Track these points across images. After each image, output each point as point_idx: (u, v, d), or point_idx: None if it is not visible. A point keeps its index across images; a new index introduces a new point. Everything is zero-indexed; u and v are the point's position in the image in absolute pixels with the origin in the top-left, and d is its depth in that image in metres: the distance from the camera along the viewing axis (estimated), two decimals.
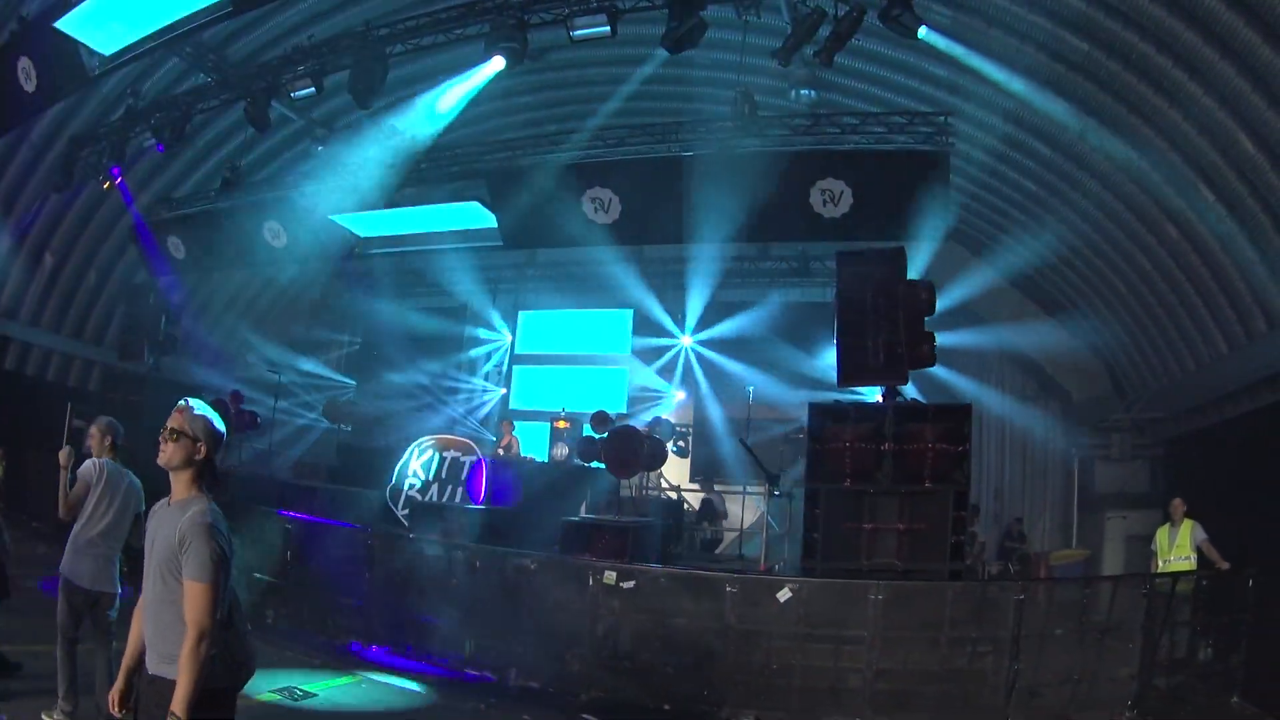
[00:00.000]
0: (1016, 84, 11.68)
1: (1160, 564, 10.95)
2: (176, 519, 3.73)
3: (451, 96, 13.19)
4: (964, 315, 17.21)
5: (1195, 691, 9.31)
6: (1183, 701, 9.14)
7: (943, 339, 11.07)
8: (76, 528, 6.54)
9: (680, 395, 20.66)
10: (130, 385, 15.91)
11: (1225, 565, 10.23)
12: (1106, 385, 17.65)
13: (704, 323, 20.41)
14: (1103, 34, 11.16)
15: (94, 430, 7.09)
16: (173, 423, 3.84)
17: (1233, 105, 10.48)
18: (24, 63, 12.25)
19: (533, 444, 17.63)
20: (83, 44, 11.77)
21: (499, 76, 12.27)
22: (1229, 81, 10.28)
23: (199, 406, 3.93)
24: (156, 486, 4.20)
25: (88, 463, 6.75)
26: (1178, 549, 10.89)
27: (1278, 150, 10.42)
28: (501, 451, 15.50)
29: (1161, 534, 11.17)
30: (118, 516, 6.66)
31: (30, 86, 12.35)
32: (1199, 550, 10.71)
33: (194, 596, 3.61)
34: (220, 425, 3.95)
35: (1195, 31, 10.20)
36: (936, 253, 15.20)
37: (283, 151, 17.51)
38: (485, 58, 11.50)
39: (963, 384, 17.11)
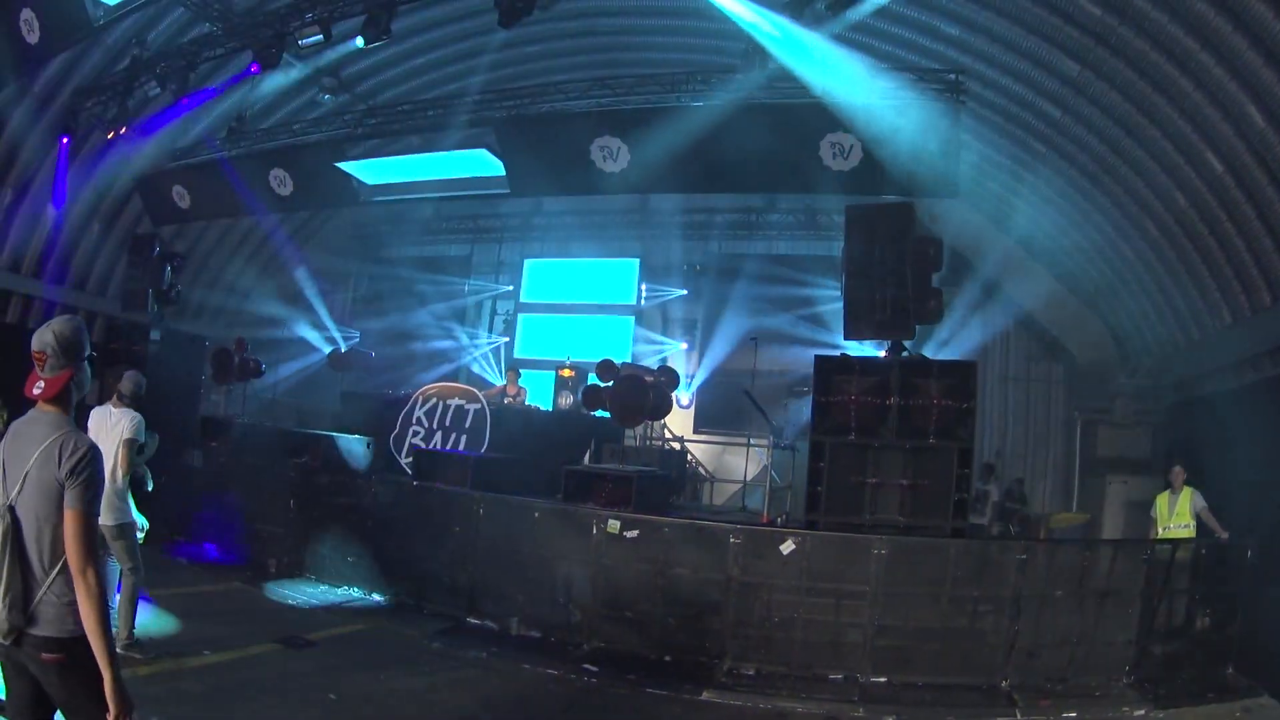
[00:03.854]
0: (1027, 44, 11.57)
1: (1159, 531, 10.95)
2: None
3: None
4: (970, 274, 17.18)
5: (1191, 660, 9.27)
6: (1178, 669, 9.14)
7: (949, 297, 11.01)
8: None
9: (685, 345, 20.67)
10: (134, 335, 15.81)
11: (1224, 535, 10.24)
12: (1111, 350, 17.59)
13: (710, 273, 20.38)
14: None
15: None
16: None
17: (1244, 77, 10.36)
18: (26, 14, 12.12)
19: (537, 392, 17.62)
20: None
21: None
22: (1241, 54, 10.17)
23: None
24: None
25: None
26: (1177, 516, 10.89)
27: None
28: (508, 400, 15.48)
29: (1161, 501, 11.16)
30: None
31: (33, 38, 12.24)
32: (1198, 518, 10.73)
33: None
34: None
35: (1208, 1, 10.09)
36: (945, 210, 15.11)
37: (289, 100, 17.36)
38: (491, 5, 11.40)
39: (967, 343, 17.03)
